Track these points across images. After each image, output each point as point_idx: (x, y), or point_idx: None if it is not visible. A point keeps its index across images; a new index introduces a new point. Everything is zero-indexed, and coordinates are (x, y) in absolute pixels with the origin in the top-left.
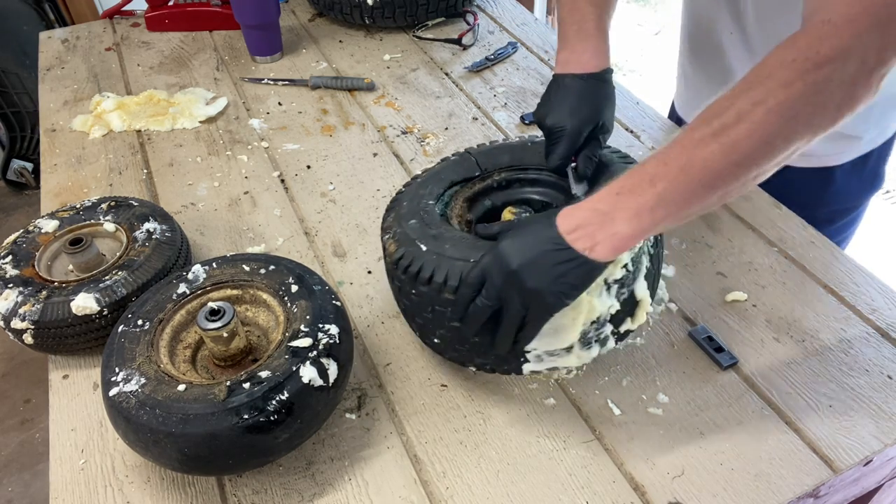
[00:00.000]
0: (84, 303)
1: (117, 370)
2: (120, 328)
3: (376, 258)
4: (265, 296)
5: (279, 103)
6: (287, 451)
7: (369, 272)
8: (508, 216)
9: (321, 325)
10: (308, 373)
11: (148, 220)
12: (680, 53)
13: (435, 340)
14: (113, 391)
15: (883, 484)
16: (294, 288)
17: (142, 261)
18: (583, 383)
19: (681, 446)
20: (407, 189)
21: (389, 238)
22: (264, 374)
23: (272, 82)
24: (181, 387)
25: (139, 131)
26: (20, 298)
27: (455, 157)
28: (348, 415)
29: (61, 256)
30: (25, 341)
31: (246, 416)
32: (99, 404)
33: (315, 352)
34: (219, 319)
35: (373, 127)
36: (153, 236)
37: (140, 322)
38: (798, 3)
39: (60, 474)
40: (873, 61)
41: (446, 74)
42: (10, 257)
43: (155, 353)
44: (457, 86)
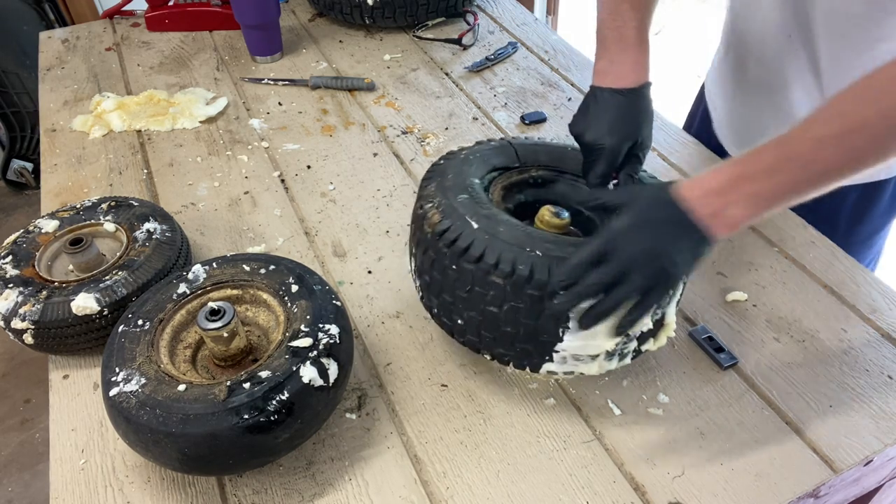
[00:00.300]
0: (84, 303)
1: (117, 370)
2: (120, 328)
3: (376, 258)
4: (265, 296)
5: (279, 103)
6: (287, 451)
7: (369, 272)
8: (547, 214)
9: (321, 325)
10: (308, 373)
11: (148, 220)
12: (718, 76)
13: (458, 321)
14: (113, 391)
15: (883, 484)
16: (294, 288)
17: (142, 261)
18: (583, 383)
19: (681, 446)
20: (448, 162)
21: (433, 207)
22: (264, 374)
23: (272, 82)
24: (181, 387)
25: (139, 131)
26: (20, 298)
27: (495, 144)
28: (348, 415)
29: (61, 256)
30: (25, 341)
31: (246, 416)
32: (99, 404)
33: (315, 352)
34: (219, 319)
35: (373, 127)
36: (153, 236)
37: (140, 322)
38: (873, 45)
39: (60, 474)
40: None
41: (446, 74)
42: (11, 257)
43: (155, 353)
44: (457, 86)
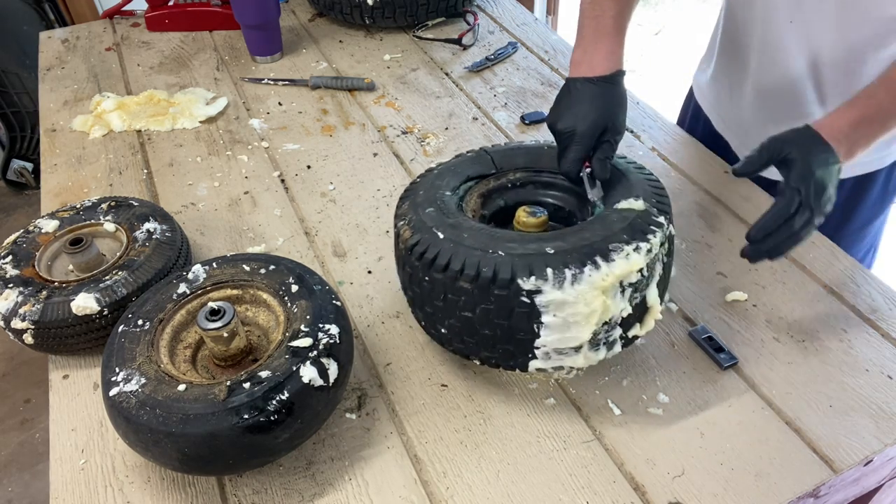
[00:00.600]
0: (84, 303)
1: (117, 370)
2: (120, 328)
3: (376, 258)
4: (265, 296)
5: (279, 103)
6: (287, 451)
7: (369, 272)
8: (523, 215)
9: (321, 325)
10: (308, 373)
11: (148, 220)
12: (716, 73)
13: (442, 331)
14: (113, 391)
15: (883, 484)
16: (294, 288)
17: (142, 261)
18: (583, 383)
19: (681, 446)
20: (422, 180)
21: (404, 224)
22: (264, 374)
23: (272, 82)
24: (181, 387)
25: (139, 131)
26: (20, 298)
27: (471, 154)
28: (348, 415)
29: (61, 256)
30: (25, 341)
31: (246, 416)
32: (99, 404)
33: (315, 352)
34: (219, 319)
35: (373, 127)
36: (153, 236)
37: (140, 322)
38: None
39: (60, 474)
40: None
41: (446, 74)
42: (11, 257)
43: (155, 353)
44: (457, 86)
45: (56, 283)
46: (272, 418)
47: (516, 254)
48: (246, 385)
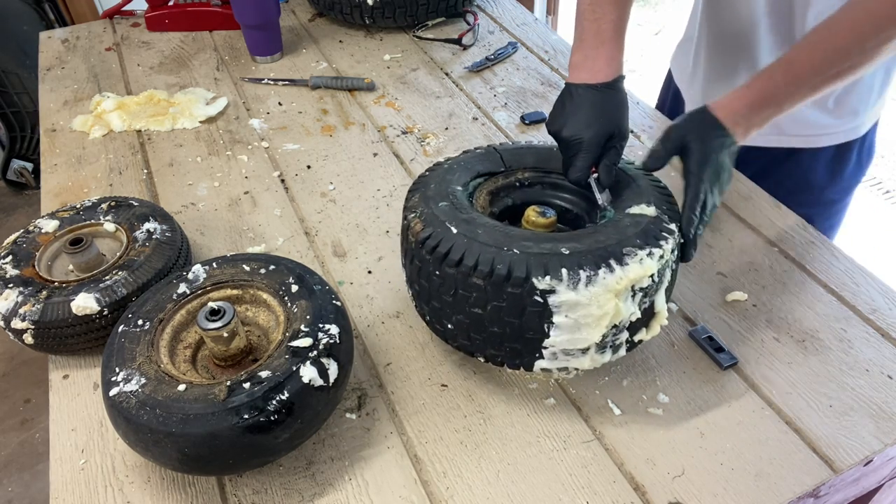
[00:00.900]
0: (84, 303)
1: (117, 370)
2: (120, 328)
3: (376, 258)
4: (265, 296)
5: (279, 103)
6: (287, 451)
7: (369, 272)
8: (532, 214)
9: (321, 325)
10: (308, 373)
11: (148, 220)
12: (695, 56)
13: (448, 326)
14: (113, 391)
15: (883, 484)
16: (294, 288)
17: (142, 261)
18: (583, 383)
19: (681, 446)
20: (432, 173)
21: (415, 217)
22: (264, 374)
23: (272, 82)
24: (181, 387)
25: (139, 131)
26: (20, 298)
27: (480, 151)
28: (348, 415)
29: (61, 256)
30: (25, 341)
31: (246, 416)
32: (99, 404)
33: (315, 352)
34: (219, 319)
35: (373, 127)
36: (153, 236)
37: (140, 322)
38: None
39: (60, 474)
40: None
41: (446, 74)
42: (10, 257)
43: (155, 353)
44: (457, 86)
45: (56, 283)
46: (272, 418)
47: (532, 252)
48: (246, 385)
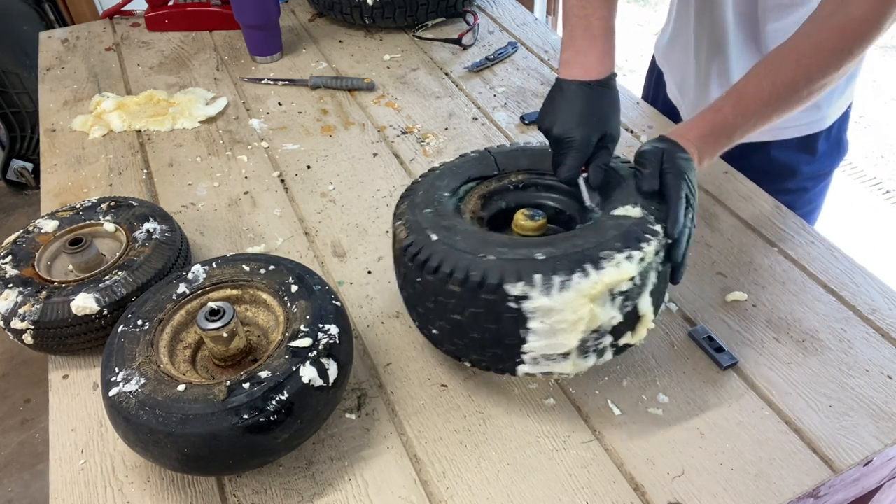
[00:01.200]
0: (84, 303)
1: (117, 370)
2: (120, 328)
3: (376, 258)
4: (265, 296)
5: (279, 103)
6: (287, 451)
7: (369, 272)
8: (521, 218)
9: (321, 325)
10: (308, 373)
11: (148, 220)
12: (679, 45)
13: (434, 332)
14: (113, 391)
15: (883, 484)
16: (294, 288)
17: (142, 261)
18: (583, 383)
19: (681, 446)
20: (423, 180)
21: (401, 224)
22: (264, 374)
23: (272, 82)
24: (181, 387)
25: (139, 131)
26: (20, 298)
27: (475, 155)
28: (348, 415)
29: (61, 256)
30: (25, 341)
31: (246, 417)
32: (99, 404)
33: (315, 352)
34: (219, 319)
35: (373, 127)
36: (153, 236)
37: (140, 322)
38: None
39: (60, 474)
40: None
41: (446, 74)
42: (10, 257)
43: (155, 353)
44: (457, 86)
45: (56, 283)
46: (272, 418)
47: (506, 258)
48: (246, 385)
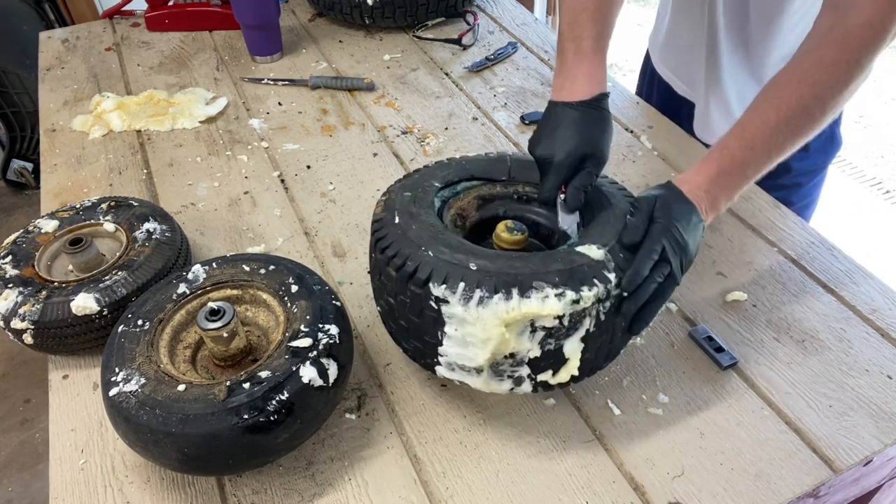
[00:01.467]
0: (84, 303)
1: (117, 370)
2: (120, 328)
3: None
4: (265, 296)
5: (279, 103)
6: (287, 451)
7: (369, 272)
8: (502, 229)
9: (321, 325)
10: (308, 373)
11: (148, 220)
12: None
13: (379, 309)
14: (113, 391)
15: (883, 484)
16: (294, 288)
17: (142, 261)
18: (583, 383)
19: (681, 446)
20: (429, 167)
21: (382, 200)
22: (264, 374)
23: (272, 82)
24: (181, 387)
25: (139, 131)
26: (20, 298)
27: (493, 156)
28: (348, 415)
29: (61, 256)
30: (25, 341)
31: (246, 416)
32: (99, 404)
33: (315, 352)
34: (219, 319)
35: (373, 127)
36: (153, 236)
37: (140, 322)
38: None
39: (60, 474)
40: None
41: (446, 74)
42: (10, 257)
43: (155, 353)
44: (457, 86)
45: (56, 283)
46: (272, 418)
47: (442, 259)
48: (246, 385)
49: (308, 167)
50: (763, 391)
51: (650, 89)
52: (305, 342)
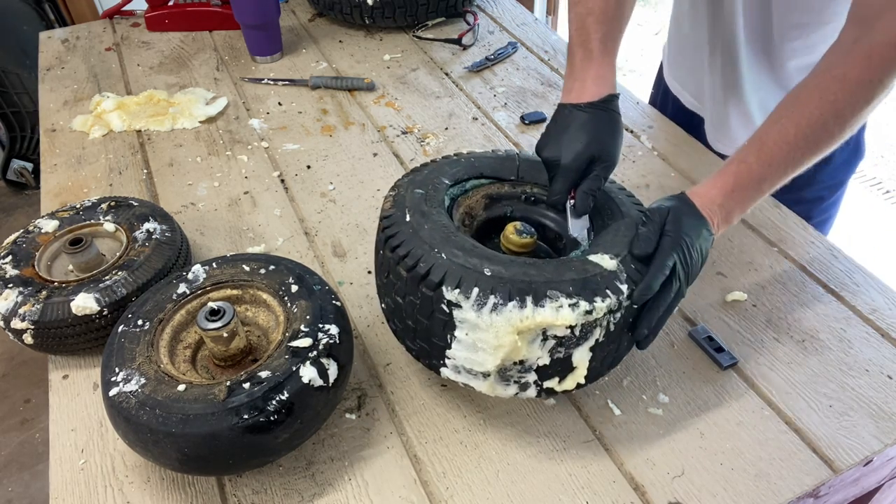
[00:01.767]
0: (84, 303)
1: (117, 370)
2: (120, 328)
3: None
4: (265, 296)
5: (279, 103)
6: (287, 451)
7: (369, 272)
8: (511, 231)
9: (321, 325)
10: (308, 373)
11: (148, 220)
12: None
13: (383, 306)
14: (113, 391)
15: (883, 484)
16: (294, 288)
17: (142, 261)
18: None
19: (681, 446)
20: (437, 161)
21: (391, 196)
22: (264, 374)
23: (272, 82)
24: (181, 387)
25: (139, 131)
26: (20, 298)
27: (501, 154)
28: (348, 415)
29: (61, 256)
30: (25, 341)
31: (246, 416)
32: (99, 404)
33: (315, 352)
34: (219, 319)
35: (373, 127)
36: (153, 236)
37: (140, 322)
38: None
39: (60, 474)
40: None
41: (446, 74)
42: (10, 257)
43: (155, 353)
44: (457, 86)
45: (56, 283)
46: (272, 418)
47: (456, 262)
48: (246, 385)
49: (308, 167)
50: (763, 391)
51: (664, 100)
52: (305, 342)
